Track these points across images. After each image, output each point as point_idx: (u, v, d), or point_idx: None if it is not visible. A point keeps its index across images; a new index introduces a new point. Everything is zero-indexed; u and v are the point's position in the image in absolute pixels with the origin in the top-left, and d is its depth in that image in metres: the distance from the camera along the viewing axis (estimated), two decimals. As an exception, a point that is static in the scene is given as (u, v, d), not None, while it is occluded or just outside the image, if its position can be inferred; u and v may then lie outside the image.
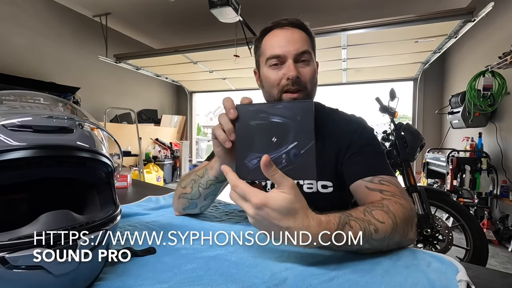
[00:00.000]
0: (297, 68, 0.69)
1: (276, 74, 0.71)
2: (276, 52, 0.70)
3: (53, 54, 3.70)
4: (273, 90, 0.73)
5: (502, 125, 2.70)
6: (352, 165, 0.69)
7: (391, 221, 0.49)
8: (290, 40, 0.70)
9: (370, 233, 0.46)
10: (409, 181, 1.84)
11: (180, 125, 5.85)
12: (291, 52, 0.69)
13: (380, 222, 0.48)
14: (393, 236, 0.49)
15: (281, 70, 0.71)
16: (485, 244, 1.74)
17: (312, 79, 0.72)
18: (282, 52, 0.69)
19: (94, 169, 0.45)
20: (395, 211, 0.51)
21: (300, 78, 0.69)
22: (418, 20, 2.46)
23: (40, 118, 0.40)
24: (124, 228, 0.60)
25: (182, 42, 3.93)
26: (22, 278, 0.32)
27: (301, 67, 0.71)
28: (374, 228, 0.47)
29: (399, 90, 2.18)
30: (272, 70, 0.72)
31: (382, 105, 2.08)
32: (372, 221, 0.48)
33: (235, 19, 2.64)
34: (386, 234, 0.48)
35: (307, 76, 0.71)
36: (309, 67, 0.71)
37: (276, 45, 0.71)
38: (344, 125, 0.76)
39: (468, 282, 0.38)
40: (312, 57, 0.73)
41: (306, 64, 0.71)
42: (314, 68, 0.73)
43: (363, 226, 0.46)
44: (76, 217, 0.38)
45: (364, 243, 0.45)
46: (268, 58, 0.72)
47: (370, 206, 0.52)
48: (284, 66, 0.70)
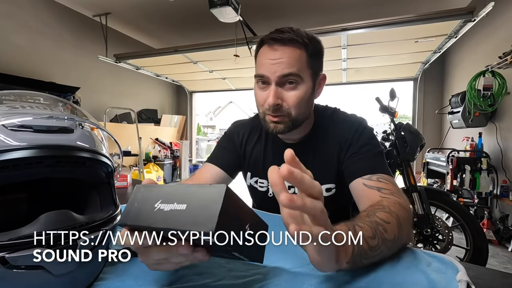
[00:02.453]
0: (279, 93, 0.66)
1: (261, 94, 0.70)
2: (261, 72, 0.68)
3: (53, 54, 3.70)
4: (259, 108, 0.72)
5: (502, 125, 2.70)
6: (351, 164, 0.70)
7: (396, 221, 0.48)
8: (276, 62, 0.65)
9: (381, 233, 0.43)
10: (409, 181, 1.84)
11: (180, 125, 5.84)
12: (274, 75, 0.65)
13: (386, 223, 0.46)
14: (401, 236, 0.48)
15: (266, 91, 0.68)
16: (485, 244, 1.74)
17: (298, 104, 0.67)
18: (266, 74, 0.67)
19: (94, 169, 0.45)
20: (397, 212, 0.50)
21: (281, 105, 0.67)
22: (418, 20, 2.46)
23: (40, 118, 0.40)
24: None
25: (182, 42, 3.93)
26: (22, 278, 0.32)
27: (287, 91, 0.67)
28: (383, 228, 0.44)
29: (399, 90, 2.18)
30: (259, 89, 0.71)
31: (382, 105, 2.08)
32: (379, 221, 0.46)
33: (235, 19, 2.64)
34: (394, 233, 0.46)
35: (290, 102, 0.67)
36: (295, 91, 0.67)
37: (262, 65, 0.68)
38: (345, 126, 0.76)
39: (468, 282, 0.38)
40: (303, 78, 0.67)
41: (292, 88, 0.67)
42: (305, 92, 0.68)
43: (372, 226, 0.43)
44: (76, 217, 0.38)
45: (381, 244, 0.42)
46: (256, 75, 0.71)
47: (371, 209, 0.51)
48: (269, 88, 0.67)
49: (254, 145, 0.85)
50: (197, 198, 0.29)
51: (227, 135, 0.90)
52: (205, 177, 0.80)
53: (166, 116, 5.64)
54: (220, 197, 0.27)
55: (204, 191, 0.29)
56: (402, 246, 0.50)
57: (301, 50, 0.66)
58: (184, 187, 0.31)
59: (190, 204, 0.29)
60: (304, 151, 0.78)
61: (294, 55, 0.65)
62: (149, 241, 0.31)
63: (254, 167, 0.85)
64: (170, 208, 0.30)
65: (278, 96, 0.66)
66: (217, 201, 0.27)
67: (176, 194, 0.31)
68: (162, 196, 0.31)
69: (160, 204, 0.31)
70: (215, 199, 0.27)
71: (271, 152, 0.82)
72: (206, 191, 0.29)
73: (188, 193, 0.30)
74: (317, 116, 0.80)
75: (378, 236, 0.42)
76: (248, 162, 0.86)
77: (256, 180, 0.85)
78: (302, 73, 0.67)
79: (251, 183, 0.86)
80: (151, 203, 0.31)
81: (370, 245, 0.41)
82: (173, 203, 0.30)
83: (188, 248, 0.31)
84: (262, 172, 0.84)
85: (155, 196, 0.32)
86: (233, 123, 0.94)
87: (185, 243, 0.31)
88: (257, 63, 0.71)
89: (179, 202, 0.30)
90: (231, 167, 0.83)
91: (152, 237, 0.31)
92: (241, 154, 0.87)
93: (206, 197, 0.28)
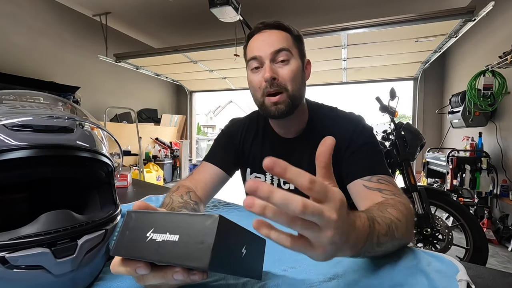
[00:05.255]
0: (274, 68, 0.68)
1: (256, 77, 0.71)
2: (253, 54, 0.70)
3: (53, 54, 3.70)
4: (257, 94, 0.72)
5: (502, 124, 2.70)
6: (350, 164, 0.70)
7: (405, 221, 0.47)
8: (267, 41, 0.69)
9: (393, 230, 0.43)
10: (409, 181, 1.84)
11: (180, 125, 5.85)
12: (266, 52, 0.68)
13: (398, 220, 0.45)
14: (406, 236, 0.47)
15: (259, 73, 0.70)
16: (485, 244, 1.74)
17: (293, 78, 0.69)
18: (258, 53, 0.69)
19: (94, 169, 0.45)
20: (404, 211, 0.50)
21: (277, 79, 0.68)
22: (418, 19, 2.46)
23: (41, 118, 0.40)
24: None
25: (182, 42, 3.92)
26: (22, 278, 0.32)
27: (280, 67, 0.69)
28: (395, 225, 0.44)
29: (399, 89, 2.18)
30: (253, 74, 0.72)
31: (382, 105, 2.08)
32: (392, 218, 0.45)
33: (235, 19, 2.64)
34: (402, 232, 0.46)
35: (285, 76, 0.68)
36: (288, 66, 0.69)
37: (254, 48, 0.71)
38: (343, 124, 0.76)
39: (468, 282, 0.38)
40: (293, 54, 0.70)
41: (285, 63, 0.69)
42: (297, 67, 0.70)
43: (387, 223, 0.42)
44: (76, 217, 0.38)
45: (389, 241, 0.42)
46: (248, 61, 0.72)
47: (381, 205, 0.50)
48: (263, 68, 0.69)
49: (252, 141, 0.86)
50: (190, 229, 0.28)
51: (224, 133, 0.90)
52: (203, 177, 0.80)
53: (166, 116, 5.64)
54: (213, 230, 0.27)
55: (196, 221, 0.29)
56: (404, 245, 0.50)
57: (287, 32, 0.72)
58: (177, 216, 0.31)
59: (183, 235, 0.28)
60: (301, 148, 0.78)
61: (282, 35, 0.71)
62: (144, 271, 0.31)
63: (253, 163, 0.86)
64: (163, 239, 0.29)
65: (273, 71, 0.68)
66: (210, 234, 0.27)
67: (168, 223, 0.30)
68: (154, 225, 0.31)
69: (152, 234, 0.30)
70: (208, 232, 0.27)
71: (269, 148, 0.83)
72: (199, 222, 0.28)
73: (180, 222, 0.30)
74: (311, 111, 0.81)
75: (389, 234, 0.42)
76: (247, 158, 0.87)
77: (255, 176, 0.86)
78: (292, 49, 0.71)
79: (251, 178, 0.87)
80: (143, 233, 0.31)
81: (380, 241, 0.40)
82: (165, 233, 0.30)
83: (184, 274, 0.30)
84: (259, 167, 0.84)
85: (147, 225, 0.31)
86: (230, 121, 0.95)
87: (181, 269, 0.31)
88: (248, 50, 0.73)
89: (171, 232, 0.29)
90: (229, 165, 0.84)
91: (147, 266, 0.31)
92: (240, 151, 0.87)
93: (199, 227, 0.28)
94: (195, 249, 0.26)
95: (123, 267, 0.32)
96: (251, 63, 0.71)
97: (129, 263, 0.32)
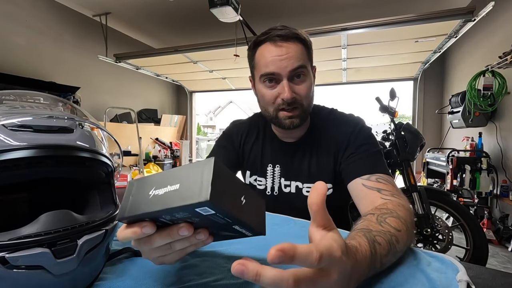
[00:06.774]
0: (292, 87, 0.68)
1: (271, 93, 0.70)
2: (270, 70, 0.68)
3: (53, 54, 3.70)
4: (269, 107, 0.72)
5: (502, 124, 2.70)
6: (350, 164, 0.70)
7: (405, 228, 0.47)
8: (285, 57, 0.67)
9: (394, 245, 0.42)
10: (409, 181, 1.84)
11: (180, 125, 5.84)
12: (285, 70, 0.67)
13: (398, 231, 0.45)
14: (408, 242, 0.46)
15: (275, 89, 0.70)
16: (485, 244, 1.74)
17: (308, 94, 0.71)
18: (277, 70, 0.68)
19: (94, 169, 0.45)
20: (404, 216, 0.49)
21: (295, 98, 0.69)
22: (418, 19, 2.46)
23: (40, 118, 0.40)
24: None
25: (182, 42, 3.92)
26: (22, 278, 0.32)
27: (297, 84, 0.69)
28: (396, 239, 0.43)
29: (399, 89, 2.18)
30: (267, 88, 0.71)
31: (382, 105, 2.08)
32: (392, 231, 0.44)
33: (235, 19, 2.63)
34: (404, 242, 0.45)
35: (302, 93, 0.70)
36: (305, 83, 0.70)
37: (270, 63, 0.68)
38: (342, 126, 0.76)
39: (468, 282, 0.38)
40: (308, 69, 0.71)
41: (302, 80, 0.70)
42: (311, 83, 0.72)
43: (387, 239, 0.41)
44: (76, 217, 0.38)
45: (391, 258, 0.41)
46: (262, 75, 0.70)
47: (380, 214, 0.49)
48: (279, 85, 0.69)
49: (252, 144, 0.86)
50: (189, 176, 0.29)
51: (226, 134, 0.91)
52: None
53: (166, 116, 5.64)
54: (210, 168, 0.28)
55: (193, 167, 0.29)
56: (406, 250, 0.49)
57: (301, 44, 0.70)
58: (175, 170, 0.31)
59: (183, 182, 0.29)
60: (302, 151, 0.79)
61: (297, 48, 0.69)
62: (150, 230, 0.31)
63: (253, 166, 0.86)
64: (165, 191, 0.30)
65: (292, 90, 0.68)
66: (208, 172, 0.27)
67: (168, 177, 0.31)
68: (155, 183, 0.32)
69: (154, 191, 0.31)
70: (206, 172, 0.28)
71: (269, 151, 0.83)
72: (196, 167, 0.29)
73: (179, 174, 0.30)
74: (313, 116, 0.81)
75: (391, 252, 0.41)
76: (247, 161, 0.87)
77: (255, 178, 0.86)
78: (307, 64, 0.70)
79: (250, 181, 0.87)
80: (146, 192, 0.32)
81: (383, 263, 0.39)
82: (166, 186, 0.30)
83: (189, 228, 0.31)
84: (260, 170, 0.84)
85: (149, 185, 0.32)
86: (232, 123, 0.95)
87: (186, 224, 0.31)
88: (261, 61, 0.71)
89: (172, 184, 0.30)
90: (230, 167, 0.84)
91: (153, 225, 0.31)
92: (240, 153, 0.87)
93: (197, 171, 0.29)
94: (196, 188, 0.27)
95: (129, 229, 0.32)
96: (266, 77, 0.70)
97: (134, 224, 0.32)
